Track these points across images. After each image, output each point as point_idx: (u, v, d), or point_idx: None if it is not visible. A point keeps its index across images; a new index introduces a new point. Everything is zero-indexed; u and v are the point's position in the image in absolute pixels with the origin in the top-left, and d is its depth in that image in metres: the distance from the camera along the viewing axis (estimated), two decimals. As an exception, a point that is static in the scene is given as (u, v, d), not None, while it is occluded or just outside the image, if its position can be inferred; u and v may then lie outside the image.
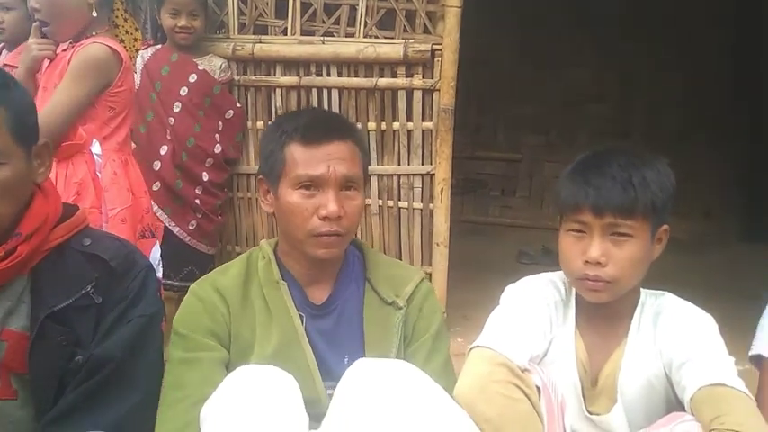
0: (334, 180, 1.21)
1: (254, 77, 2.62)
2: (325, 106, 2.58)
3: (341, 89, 2.55)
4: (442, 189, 2.49)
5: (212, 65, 2.51)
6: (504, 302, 1.31)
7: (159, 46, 2.53)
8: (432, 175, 2.51)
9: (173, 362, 1.22)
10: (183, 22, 2.39)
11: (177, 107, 2.42)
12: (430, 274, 2.59)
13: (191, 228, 2.45)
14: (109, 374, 1.07)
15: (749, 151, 4.52)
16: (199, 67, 2.45)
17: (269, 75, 2.61)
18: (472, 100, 4.89)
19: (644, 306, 1.26)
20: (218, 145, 2.49)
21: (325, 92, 2.57)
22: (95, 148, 1.82)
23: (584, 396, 1.24)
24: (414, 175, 2.53)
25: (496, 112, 4.96)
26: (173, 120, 2.42)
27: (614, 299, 1.21)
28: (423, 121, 2.50)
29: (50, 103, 1.74)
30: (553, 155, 4.86)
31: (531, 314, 1.25)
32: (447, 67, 2.41)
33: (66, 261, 1.12)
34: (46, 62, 1.92)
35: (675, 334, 1.18)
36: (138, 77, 2.47)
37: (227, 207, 2.73)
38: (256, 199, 2.76)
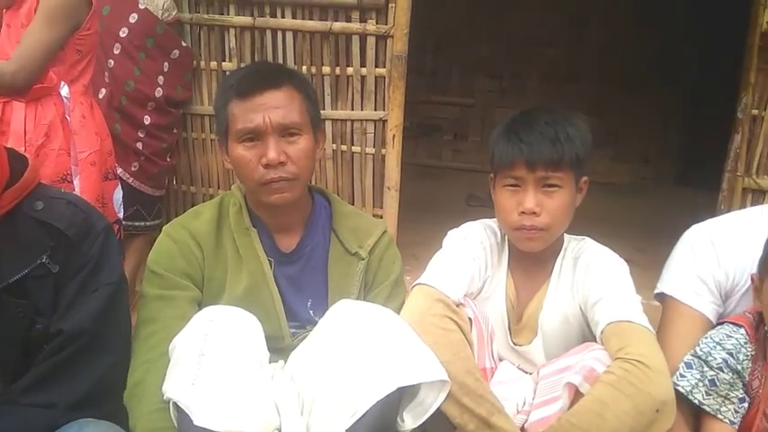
0: (270, 128, 1.26)
1: (206, 16, 2.59)
2: (279, 49, 2.59)
3: (295, 32, 2.56)
4: (393, 135, 2.57)
5: (155, 4, 2.40)
6: (446, 245, 1.43)
7: None
8: (384, 121, 2.58)
9: (148, 298, 1.29)
10: None
11: (117, 49, 2.32)
12: (380, 216, 2.70)
13: (133, 169, 2.40)
14: (81, 347, 1.10)
15: (690, 97, 4.70)
16: (140, 6, 2.34)
17: (222, 14, 2.58)
18: (428, 43, 4.91)
19: (566, 251, 1.40)
20: (159, 88, 2.42)
21: (279, 34, 2.57)
22: (63, 90, 1.81)
23: (510, 330, 1.39)
24: (367, 120, 2.60)
25: (451, 55, 5.00)
26: (111, 62, 2.32)
27: (546, 246, 1.35)
28: (376, 67, 2.54)
29: (24, 46, 1.69)
30: (505, 100, 4.97)
31: (469, 256, 1.37)
32: (400, 14, 2.45)
33: (18, 228, 1.10)
34: None
35: (590, 276, 1.32)
36: None
37: (180, 148, 2.74)
38: (211, 140, 2.79)
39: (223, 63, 2.65)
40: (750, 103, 2.39)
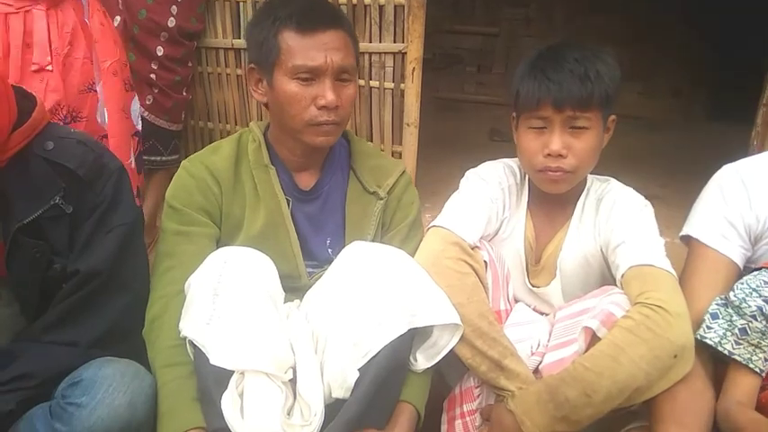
0: (331, 70, 1.23)
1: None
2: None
3: (311, -41, 2.44)
4: (413, 69, 2.48)
5: None
6: (463, 186, 1.40)
7: None
8: (404, 54, 2.48)
9: (167, 232, 1.30)
10: None
11: None
12: (399, 154, 2.66)
13: (147, 102, 2.38)
14: (98, 286, 1.12)
15: (720, 30, 4.47)
16: None
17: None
18: (451, -31, 4.70)
19: (589, 192, 1.36)
20: (172, 18, 2.35)
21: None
22: None
23: (528, 271, 1.37)
24: (385, 53, 2.50)
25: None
26: None
27: (570, 188, 1.30)
28: (395, -5, 2.43)
29: None
30: (531, 29, 4.77)
31: (487, 197, 1.34)
32: (421, -63, 2.31)
33: (30, 169, 1.10)
34: None
35: (613, 218, 1.28)
36: None
37: (195, 82, 2.69)
38: (227, 74, 2.73)
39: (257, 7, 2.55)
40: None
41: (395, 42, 2.49)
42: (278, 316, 1.14)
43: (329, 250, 1.37)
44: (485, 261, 1.25)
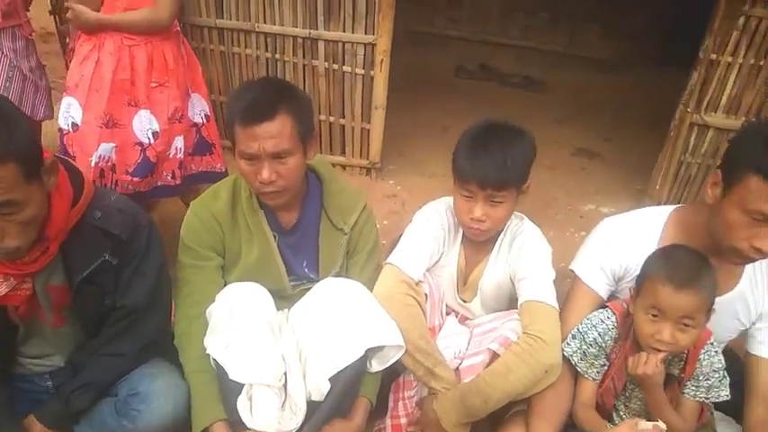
0: (265, 154, 1.55)
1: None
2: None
3: (289, -46, 2.62)
4: (382, 60, 2.77)
5: None
6: (414, 223, 1.81)
7: None
8: (374, 45, 2.76)
9: (183, 265, 1.71)
10: None
11: None
12: (368, 130, 3.01)
13: None
14: (138, 314, 1.53)
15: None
16: None
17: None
18: None
19: (506, 231, 1.78)
20: None
21: (274, -45, 2.64)
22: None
23: (458, 289, 1.84)
24: (357, 43, 2.77)
25: None
26: None
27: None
28: (367, -9, 2.66)
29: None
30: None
31: (431, 236, 1.76)
32: (392, -57, 2.51)
33: (85, 235, 1.42)
34: None
35: (520, 257, 1.73)
36: None
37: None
38: (211, 49, 2.97)
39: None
40: (711, 46, 2.59)
41: (366, 34, 2.76)
42: (274, 339, 1.60)
43: (306, 269, 1.81)
44: (425, 294, 1.71)
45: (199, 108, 2.34)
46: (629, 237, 1.66)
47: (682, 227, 1.60)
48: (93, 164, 2.14)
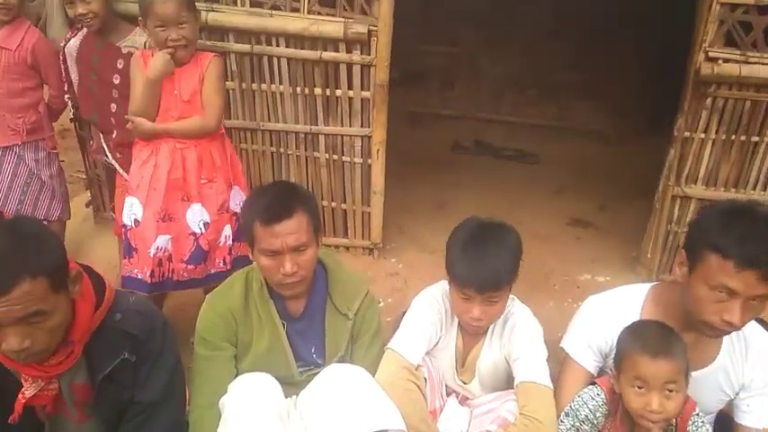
0: (287, 249, 1.73)
1: (209, 42, 2.88)
2: (276, 73, 2.91)
3: (289, 59, 2.87)
4: (378, 149, 2.97)
5: (137, 43, 2.62)
6: (413, 308, 1.94)
7: (85, 31, 2.68)
8: (369, 137, 2.97)
9: (198, 357, 1.84)
10: (80, 10, 2.53)
11: (115, 93, 2.65)
12: (369, 213, 3.18)
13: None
14: (155, 408, 1.63)
15: (664, 50, 4.91)
16: (123, 51, 2.61)
17: (222, 41, 2.87)
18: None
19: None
20: None
21: (275, 60, 2.89)
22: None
23: (457, 370, 1.94)
24: (354, 136, 2.99)
25: (438, 5, 5.15)
26: (114, 106, 2.67)
27: None
28: (362, 90, 2.88)
29: (213, 107, 2.46)
30: (491, 50, 5.20)
31: (429, 321, 1.89)
32: (382, 48, 2.75)
33: (105, 336, 1.54)
34: None
35: (514, 338, 1.85)
36: (74, 68, 2.73)
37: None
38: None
39: (227, 83, 2.98)
40: (683, 125, 2.78)
41: (362, 127, 2.97)
42: (283, 426, 1.70)
43: (314, 355, 1.93)
44: (425, 378, 1.81)
45: (238, 199, 2.58)
46: (612, 315, 1.78)
47: (659, 304, 1.72)
48: (151, 254, 2.37)
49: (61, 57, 2.76)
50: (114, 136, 2.72)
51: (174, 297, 2.78)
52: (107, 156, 2.82)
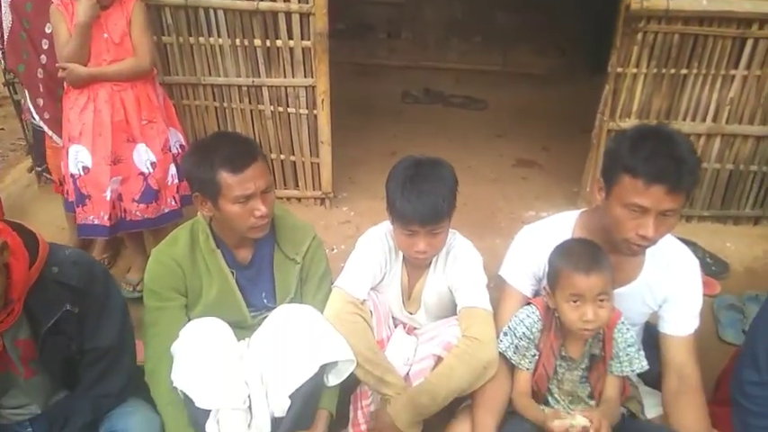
0: (259, 191, 1.77)
1: (142, -2, 2.81)
2: (213, 26, 2.87)
3: (226, 10, 2.83)
4: (322, 99, 2.99)
5: None
6: (357, 249, 2.00)
7: None
8: (313, 87, 2.98)
9: (149, 308, 1.87)
10: None
11: (45, 44, 2.61)
12: (318, 164, 3.21)
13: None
14: (113, 355, 1.68)
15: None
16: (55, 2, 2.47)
17: (155, -6, 2.81)
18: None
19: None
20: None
21: (212, 12, 2.84)
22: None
23: (404, 303, 2.03)
24: (298, 86, 2.99)
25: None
26: (44, 57, 2.63)
27: None
28: (302, 40, 2.87)
29: (144, 46, 2.50)
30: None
31: (373, 260, 1.96)
32: (319, -5, 2.74)
33: (44, 290, 1.52)
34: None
35: (455, 268, 1.94)
36: (7, 16, 2.65)
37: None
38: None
39: (163, 37, 2.92)
40: (616, 61, 2.87)
41: (305, 77, 2.97)
42: (236, 366, 1.77)
43: (264, 300, 1.98)
44: (371, 311, 1.90)
45: (175, 140, 2.65)
46: (544, 241, 1.87)
47: (586, 228, 1.83)
48: (108, 198, 2.48)
49: None
50: (41, 90, 2.67)
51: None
52: (34, 118, 2.79)
